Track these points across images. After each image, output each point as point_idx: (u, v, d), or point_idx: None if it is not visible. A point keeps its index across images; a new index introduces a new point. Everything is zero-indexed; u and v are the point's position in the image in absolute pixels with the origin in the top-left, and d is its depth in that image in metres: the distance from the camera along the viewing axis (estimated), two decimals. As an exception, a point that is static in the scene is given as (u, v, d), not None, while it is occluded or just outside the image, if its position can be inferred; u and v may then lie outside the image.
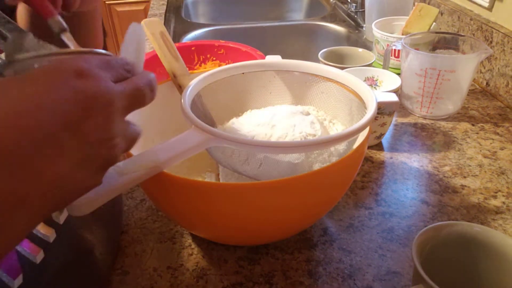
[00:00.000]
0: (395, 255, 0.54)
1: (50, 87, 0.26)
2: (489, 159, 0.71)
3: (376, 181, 0.67)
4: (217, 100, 0.59)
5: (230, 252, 0.55)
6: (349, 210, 0.61)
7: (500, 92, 0.88)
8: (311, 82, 0.60)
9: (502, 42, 0.85)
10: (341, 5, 1.39)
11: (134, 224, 0.60)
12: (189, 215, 0.50)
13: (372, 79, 0.83)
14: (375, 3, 1.11)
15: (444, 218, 0.59)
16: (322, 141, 0.44)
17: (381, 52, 0.99)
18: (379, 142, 0.75)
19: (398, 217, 0.59)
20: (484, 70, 0.92)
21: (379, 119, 0.70)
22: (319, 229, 0.58)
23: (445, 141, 0.76)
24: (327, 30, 1.31)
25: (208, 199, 0.46)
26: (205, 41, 1.00)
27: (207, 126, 0.44)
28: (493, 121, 0.81)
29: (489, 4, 0.91)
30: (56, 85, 0.27)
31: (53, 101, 0.26)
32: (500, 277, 0.43)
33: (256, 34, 1.30)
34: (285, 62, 0.61)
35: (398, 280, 0.50)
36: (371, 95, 0.51)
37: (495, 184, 0.65)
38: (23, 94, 0.26)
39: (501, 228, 0.57)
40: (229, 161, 0.51)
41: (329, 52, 0.93)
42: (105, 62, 0.30)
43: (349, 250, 0.54)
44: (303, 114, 0.57)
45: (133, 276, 0.52)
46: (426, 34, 0.87)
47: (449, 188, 0.65)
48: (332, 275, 0.51)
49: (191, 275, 0.52)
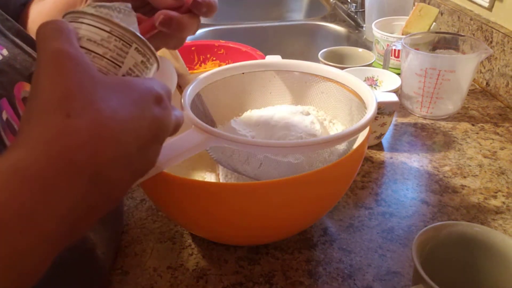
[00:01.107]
0: (395, 255, 0.54)
1: (136, 113, 0.28)
2: (489, 159, 0.71)
3: (376, 181, 0.67)
4: (217, 100, 0.59)
5: (230, 252, 0.55)
6: (349, 210, 0.61)
7: (500, 92, 0.88)
8: (311, 82, 0.60)
9: (502, 42, 0.85)
10: (341, 5, 1.39)
11: (134, 224, 0.60)
12: (189, 215, 0.50)
13: (372, 79, 0.83)
14: (375, 3, 1.11)
15: (444, 218, 0.59)
16: (322, 141, 0.44)
17: (381, 52, 0.99)
18: (379, 142, 0.75)
19: (398, 217, 0.59)
20: (484, 70, 0.92)
21: (379, 119, 0.70)
22: (319, 229, 0.58)
23: (445, 141, 0.76)
24: (327, 30, 1.31)
25: (208, 199, 0.46)
26: (205, 41, 1.00)
27: (207, 126, 0.44)
28: (493, 121, 0.81)
29: (489, 4, 0.91)
30: (141, 111, 0.28)
31: (135, 128, 0.28)
32: (500, 277, 0.43)
33: (256, 34, 1.30)
34: (285, 62, 0.61)
35: (398, 280, 0.50)
36: (371, 95, 0.51)
37: (495, 184, 0.65)
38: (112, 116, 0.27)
39: (501, 228, 0.57)
40: (229, 161, 0.51)
41: (329, 52, 0.93)
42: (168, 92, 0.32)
43: (349, 250, 0.54)
44: (303, 114, 0.57)
45: (133, 276, 0.52)
46: (426, 34, 0.87)
47: (449, 188, 0.65)
48: (332, 275, 0.51)
49: (191, 275, 0.52)
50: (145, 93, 0.29)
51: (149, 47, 0.32)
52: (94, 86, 0.26)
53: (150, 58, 0.33)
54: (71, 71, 0.26)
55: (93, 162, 0.25)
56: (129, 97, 0.28)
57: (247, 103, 0.63)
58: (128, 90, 0.28)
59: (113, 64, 0.30)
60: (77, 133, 0.24)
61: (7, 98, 0.37)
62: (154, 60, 0.33)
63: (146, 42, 0.32)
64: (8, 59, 0.39)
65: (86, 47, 0.29)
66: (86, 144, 0.25)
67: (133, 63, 0.31)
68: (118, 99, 0.27)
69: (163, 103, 0.31)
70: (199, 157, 0.62)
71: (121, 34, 0.30)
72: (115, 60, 0.30)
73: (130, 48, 0.31)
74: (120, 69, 0.31)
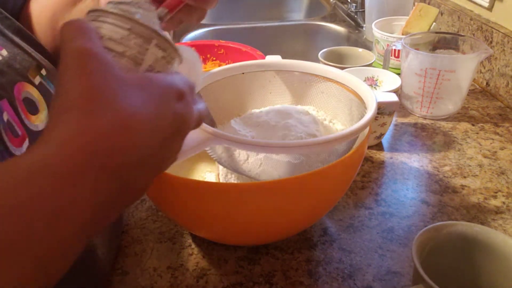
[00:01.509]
0: (395, 255, 0.54)
1: (157, 110, 0.29)
2: (489, 159, 0.71)
3: (376, 181, 0.67)
4: (217, 100, 0.59)
5: (230, 252, 0.55)
6: (349, 210, 0.61)
7: (500, 92, 0.88)
8: (311, 82, 0.60)
9: (502, 42, 0.85)
10: (341, 5, 1.39)
11: (134, 224, 0.60)
12: (189, 215, 0.50)
13: (372, 79, 0.83)
14: (375, 3, 1.11)
15: (444, 218, 0.59)
16: (322, 141, 0.44)
17: (381, 52, 0.99)
18: (379, 142, 0.75)
19: (398, 217, 0.59)
20: (484, 70, 0.92)
21: (379, 119, 0.70)
22: (319, 229, 0.58)
23: (445, 141, 0.76)
24: (327, 30, 1.31)
25: (208, 199, 0.46)
26: (205, 41, 1.00)
27: (207, 126, 0.44)
28: (493, 121, 0.81)
29: (489, 4, 0.91)
30: (162, 108, 0.29)
31: (156, 125, 0.28)
32: (500, 277, 0.43)
33: (256, 34, 1.30)
34: (285, 62, 0.61)
35: (398, 280, 0.50)
36: (371, 95, 0.51)
37: (495, 184, 0.65)
38: (133, 114, 0.27)
39: (501, 228, 0.57)
40: (229, 161, 0.51)
41: (329, 52, 0.93)
42: (190, 86, 0.33)
43: (349, 250, 0.54)
44: (303, 114, 0.57)
45: (133, 276, 0.52)
46: (426, 34, 0.87)
47: (449, 188, 0.65)
48: (332, 275, 0.51)
49: (191, 275, 0.52)
50: (166, 90, 0.30)
51: (169, 42, 0.32)
52: (115, 85, 0.27)
53: (171, 52, 0.33)
54: (94, 70, 0.27)
55: (114, 158, 0.26)
56: (150, 94, 0.29)
57: (247, 103, 0.63)
58: (149, 87, 0.29)
59: (133, 62, 0.31)
60: (98, 131, 0.25)
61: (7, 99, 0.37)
62: (175, 54, 0.33)
63: (166, 37, 0.32)
64: (8, 60, 0.39)
65: (108, 46, 0.30)
66: (108, 141, 0.26)
67: (153, 59, 0.32)
68: (139, 97, 0.28)
69: (185, 99, 0.31)
70: (199, 157, 0.62)
71: (140, 31, 0.31)
72: (135, 58, 0.31)
73: (150, 45, 0.31)
74: (140, 66, 0.31)
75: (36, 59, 0.43)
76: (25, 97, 0.39)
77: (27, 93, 0.40)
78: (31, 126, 0.39)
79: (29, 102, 0.39)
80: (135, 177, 0.28)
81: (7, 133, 0.36)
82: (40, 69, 0.43)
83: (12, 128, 0.37)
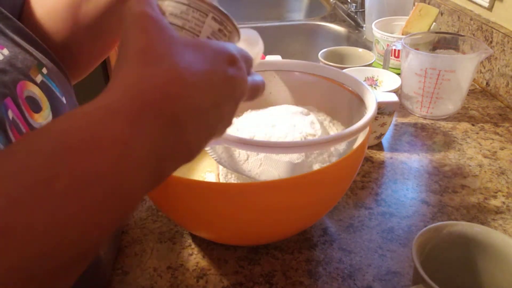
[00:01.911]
0: (395, 255, 0.54)
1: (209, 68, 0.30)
2: (489, 159, 0.71)
3: (376, 181, 0.67)
4: (217, 100, 0.59)
5: (230, 252, 0.55)
6: (349, 210, 0.61)
7: (500, 92, 0.88)
8: (311, 82, 0.60)
9: (502, 42, 0.85)
10: (341, 5, 1.39)
11: (134, 224, 0.60)
12: (189, 215, 0.50)
13: (372, 79, 0.83)
14: (375, 3, 1.11)
15: (444, 218, 0.59)
16: (322, 141, 0.44)
17: (381, 52, 0.99)
18: (379, 142, 0.75)
19: (398, 217, 0.59)
20: (484, 70, 0.92)
21: (379, 119, 0.70)
22: (319, 229, 0.58)
23: (445, 141, 0.76)
24: (327, 30, 1.31)
25: (208, 199, 0.46)
26: (205, 41, 1.00)
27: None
28: (493, 121, 0.81)
29: (489, 4, 0.91)
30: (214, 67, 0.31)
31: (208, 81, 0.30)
32: (500, 277, 0.43)
33: (256, 34, 1.30)
34: (285, 62, 0.61)
35: (398, 280, 0.50)
36: (371, 95, 0.51)
37: (495, 184, 0.65)
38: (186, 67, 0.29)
39: (501, 228, 0.57)
40: (229, 161, 0.51)
41: (329, 52, 0.93)
42: (244, 54, 0.34)
43: (349, 250, 0.54)
44: (303, 114, 0.57)
45: (133, 276, 0.52)
46: (426, 34, 0.87)
47: (449, 188, 0.65)
48: (332, 275, 0.51)
49: (191, 275, 0.52)
50: (219, 52, 0.31)
51: (226, 15, 0.34)
52: (170, 43, 0.30)
53: (228, 26, 0.35)
54: (151, 29, 0.30)
55: (170, 105, 0.28)
56: (203, 54, 0.31)
57: (247, 103, 0.63)
58: (202, 48, 0.31)
59: (191, 34, 0.33)
60: (153, 79, 0.28)
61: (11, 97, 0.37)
62: (232, 28, 0.35)
63: (223, 11, 0.34)
64: (10, 59, 0.39)
65: (169, 20, 0.33)
66: (162, 88, 0.28)
67: (210, 32, 0.34)
68: (192, 55, 0.30)
69: (237, 64, 0.32)
70: (199, 157, 0.62)
71: (198, 5, 0.33)
72: (193, 30, 0.33)
73: (207, 18, 0.34)
74: (198, 37, 0.34)
75: (37, 58, 0.43)
76: (28, 95, 0.39)
77: (29, 92, 0.40)
78: (34, 124, 0.39)
79: (32, 101, 0.40)
80: (190, 131, 0.29)
81: (13, 131, 0.36)
82: (41, 67, 0.43)
83: (17, 126, 0.37)
